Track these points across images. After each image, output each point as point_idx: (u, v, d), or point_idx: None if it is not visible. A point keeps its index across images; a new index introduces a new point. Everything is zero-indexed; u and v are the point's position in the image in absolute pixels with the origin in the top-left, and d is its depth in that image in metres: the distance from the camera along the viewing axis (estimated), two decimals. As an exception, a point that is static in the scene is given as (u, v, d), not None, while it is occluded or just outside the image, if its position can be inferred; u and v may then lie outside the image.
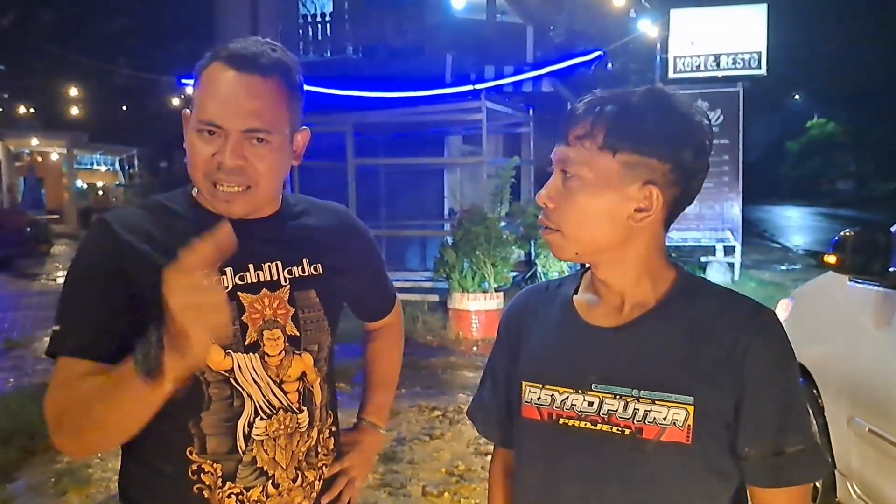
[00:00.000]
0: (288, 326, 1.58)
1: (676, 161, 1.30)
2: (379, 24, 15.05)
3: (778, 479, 1.29)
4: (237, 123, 1.46)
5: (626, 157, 1.28)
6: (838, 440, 3.58)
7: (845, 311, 3.79)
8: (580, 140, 1.30)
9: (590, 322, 1.40)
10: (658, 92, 1.33)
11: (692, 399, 1.27)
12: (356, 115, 12.00)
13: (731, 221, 13.65)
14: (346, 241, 1.76)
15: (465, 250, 9.21)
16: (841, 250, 3.59)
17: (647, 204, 1.31)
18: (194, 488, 1.52)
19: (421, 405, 6.36)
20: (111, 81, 26.15)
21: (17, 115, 26.52)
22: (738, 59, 13.43)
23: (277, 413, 1.56)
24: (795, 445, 1.28)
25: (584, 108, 1.32)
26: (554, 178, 1.35)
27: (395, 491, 4.62)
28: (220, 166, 1.47)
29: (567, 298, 1.46)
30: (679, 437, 1.27)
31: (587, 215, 1.31)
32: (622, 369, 1.32)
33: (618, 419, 1.31)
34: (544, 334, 1.46)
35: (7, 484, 4.77)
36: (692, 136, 1.31)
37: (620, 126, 1.28)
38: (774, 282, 13.52)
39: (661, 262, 1.39)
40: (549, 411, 1.38)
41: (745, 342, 1.27)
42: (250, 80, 1.46)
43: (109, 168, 36.89)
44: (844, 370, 3.58)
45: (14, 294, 13.61)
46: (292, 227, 1.67)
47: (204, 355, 1.25)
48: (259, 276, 1.57)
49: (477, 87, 11.79)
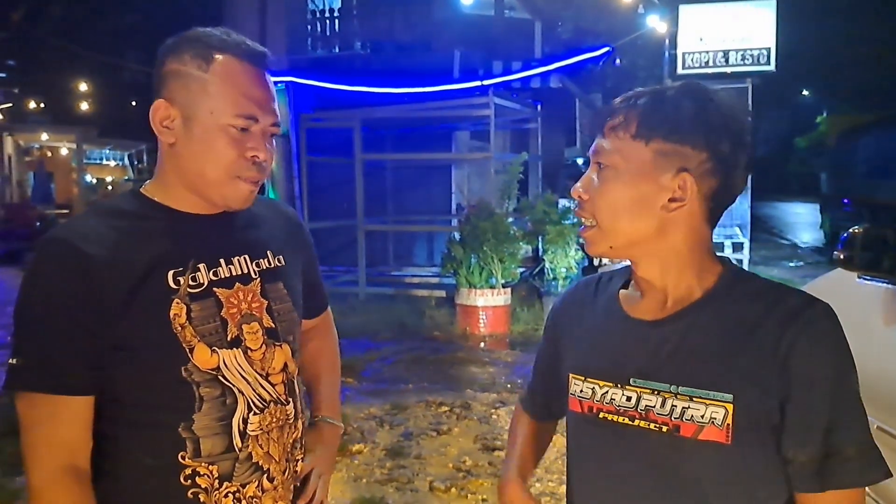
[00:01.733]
0: (264, 319, 1.59)
1: (712, 150, 1.27)
2: (387, 20, 15.04)
3: (824, 483, 1.22)
4: (269, 118, 1.50)
5: (660, 145, 1.28)
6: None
7: (854, 308, 3.77)
8: (614, 130, 1.31)
9: (632, 315, 1.39)
10: (694, 84, 1.32)
11: (731, 397, 1.22)
12: (364, 110, 11.98)
13: (740, 218, 13.62)
14: (297, 236, 1.79)
15: (472, 246, 9.20)
16: (850, 247, 3.57)
17: (680, 193, 1.28)
18: (189, 493, 1.49)
19: (428, 400, 6.36)
20: (120, 76, 26.24)
21: (28, 110, 26.60)
22: (746, 55, 13.38)
23: (269, 406, 1.57)
24: (846, 447, 1.21)
25: (621, 101, 1.33)
26: (589, 171, 1.36)
27: (403, 486, 4.62)
28: (255, 160, 1.50)
29: (613, 292, 1.46)
30: (718, 437, 1.23)
31: (620, 205, 1.30)
32: (660, 364, 1.30)
33: (655, 415, 1.28)
34: (590, 327, 1.46)
35: (17, 477, 4.79)
36: (728, 126, 1.28)
37: (653, 114, 1.28)
38: (783, 278, 13.47)
39: (705, 257, 1.34)
40: (590, 405, 1.37)
41: (790, 338, 1.22)
42: (266, 77, 1.52)
43: (118, 163, 36.91)
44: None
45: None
46: (251, 218, 1.66)
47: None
48: (231, 271, 1.57)
49: (485, 82, 11.76)
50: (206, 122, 1.47)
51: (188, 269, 1.51)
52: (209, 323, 1.50)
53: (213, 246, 1.56)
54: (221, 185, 1.51)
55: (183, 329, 1.47)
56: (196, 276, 1.51)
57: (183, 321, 1.47)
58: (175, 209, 1.55)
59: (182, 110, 1.48)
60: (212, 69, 1.47)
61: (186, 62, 1.48)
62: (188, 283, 1.50)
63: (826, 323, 1.24)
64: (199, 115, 1.47)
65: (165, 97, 1.49)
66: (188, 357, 1.47)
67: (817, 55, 31.24)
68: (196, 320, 1.49)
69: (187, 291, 1.49)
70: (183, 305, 1.48)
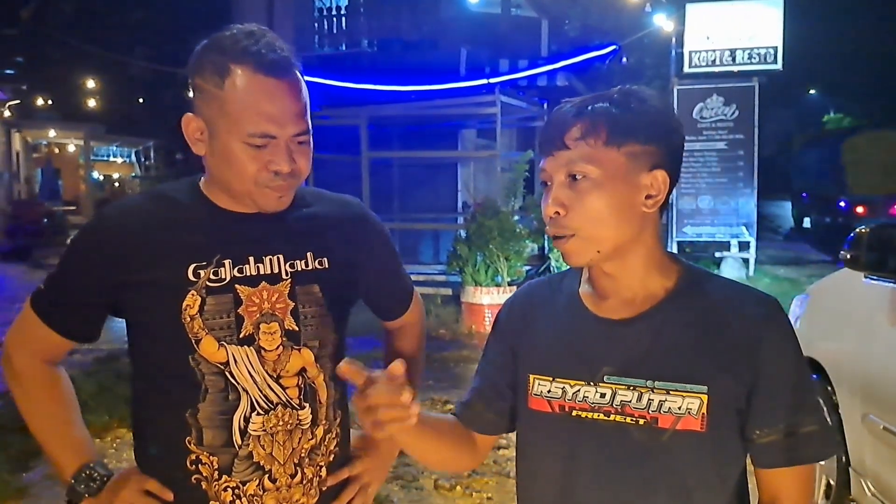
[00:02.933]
0: (286, 321, 1.57)
1: (670, 144, 1.37)
2: (394, 18, 15.04)
3: (790, 458, 1.33)
4: (289, 130, 1.48)
5: (631, 148, 1.32)
6: (852, 437, 3.56)
7: (860, 307, 3.77)
8: (581, 140, 1.32)
9: (599, 315, 1.41)
10: (632, 89, 1.38)
11: (706, 388, 1.30)
12: (370, 108, 12.00)
13: (746, 217, 13.60)
14: (357, 235, 1.73)
15: (478, 244, 9.20)
16: (856, 247, 3.57)
17: (655, 189, 1.34)
18: (192, 478, 1.53)
19: (433, 398, 6.38)
20: (128, 73, 26.24)
21: (35, 107, 26.61)
22: (753, 53, 13.34)
23: (276, 409, 1.56)
24: (808, 426, 1.33)
25: (573, 111, 1.35)
26: (557, 186, 1.34)
27: (408, 484, 4.63)
28: (278, 173, 1.49)
29: (573, 292, 1.47)
30: (694, 426, 1.30)
31: (605, 212, 1.32)
32: (637, 361, 1.34)
33: (632, 409, 1.33)
34: (551, 328, 1.47)
35: (24, 473, 4.81)
36: (674, 119, 1.39)
37: (620, 119, 1.32)
38: (789, 278, 13.45)
39: (664, 253, 1.42)
40: (561, 403, 1.39)
41: (758, 331, 1.33)
42: (288, 86, 1.48)
43: (126, 160, 36.99)
44: (859, 367, 3.56)
45: (31, 284, 13.65)
46: (299, 219, 1.65)
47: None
48: (259, 269, 1.57)
49: (491, 80, 11.78)
50: (224, 138, 1.48)
51: (211, 264, 1.53)
52: (221, 318, 1.52)
53: (245, 243, 1.57)
54: (250, 194, 1.53)
55: (192, 320, 1.50)
56: (218, 272, 1.53)
57: (193, 313, 1.51)
58: (218, 205, 1.58)
59: (207, 125, 1.51)
60: (226, 85, 1.46)
61: (206, 77, 1.48)
62: (209, 277, 1.52)
63: (785, 316, 1.38)
64: (218, 132, 1.49)
65: (194, 111, 1.52)
66: (194, 347, 1.50)
67: (825, 54, 31.17)
68: (208, 314, 1.51)
69: (205, 285, 1.52)
70: (198, 298, 1.51)
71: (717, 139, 13.55)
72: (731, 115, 13.44)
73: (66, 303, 1.62)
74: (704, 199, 13.69)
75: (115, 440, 5.36)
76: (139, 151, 34.07)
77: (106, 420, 5.60)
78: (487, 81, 11.76)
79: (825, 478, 3.92)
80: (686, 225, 13.85)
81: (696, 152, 13.57)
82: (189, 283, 1.52)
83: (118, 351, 7.35)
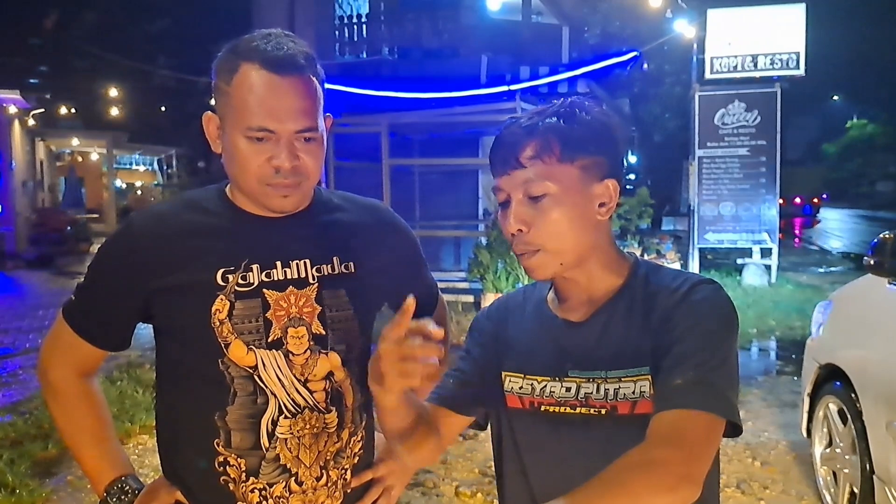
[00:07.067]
0: (314, 325, 1.59)
1: (617, 154, 1.44)
2: (414, 26, 15.10)
3: (665, 404, 1.27)
4: (290, 126, 1.49)
5: (583, 161, 1.38)
6: (877, 445, 3.53)
7: (885, 314, 3.73)
8: (536, 159, 1.36)
9: (560, 316, 1.48)
10: (576, 101, 1.43)
11: (648, 368, 1.35)
12: (391, 115, 12.03)
13: (768, 223, 13.52)
14: (383, 239, 1.74)
15: (499, 251, 9.21)
16: (880, 253, 3.55)
17: (607, 198, 1.40)
18: (220, 480, 1.55)
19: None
20: (150, 82, 26.46)
21: (59, 116, 26.83)
22: (775, 59, 13.27)
23: (303, 412, 1.57)
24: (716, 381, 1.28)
25: (524, 130, 1.38)
26: (517, 204, 1.38)
27: (428, 491, 4.64)
28: (278, 170, 1.50)
29: (541, 298, 1.55)
30: (649, 408, 1.33)
31: (565, 226, 1.38)
32: (592, 355, 1.41)
33: (594, 401, 1.39)
34: (522, 330, 1.53)
35: (48, 479, 4.85)
36: (619, 129, 1.45)
37: (571, 134, 1.37)
38: (812, 284, 13.36)
39: (617, 253, 1.48)
40: (531, 400, 1.46)
41: (679, 300, 1.37)
42: (293, 83, 1.49)
43: (148, 168, 37.33)
44: (884, 374, 3.52)
45: (54, 291, 13.81)
46: (324, 223, 1.66)
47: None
48: (286, 274, 1.58)
49: (512, 87, 11.80)
50: (230, 133, 1.51)
51: (239, 269, 1.55)
52: (250, 322, 1.54)
53: (272, 248, 1.58)
54: (255, 193, 1.54)
55: (221, 325, 1.52)
56: (247, 276, 1.55)
57: (223, 317, 1.52)
58: (244, 210, 1.60)
59: (221, 122, 1.54)
60: (234, 81, 1.49)
61: (221, 76, 1.52)
62: (237, 282, 1.54)
63: (714, 291, 1.39)
64: (227, 127, 1.52)
65: (214, 109, 1.55)
66: (223, 351, 1.52)
67: (848, 59, 30.96)
68: (237, 318, 1.53)
69: (234, 289, 1.54)
70: (227, 302, 1.53)
71: (739, 145, 13.49)
72: (753, 121, 13.38)
73: (99, 311, 1.64)
74: (726, 206, 13.63)
75: (138, 446, 5.40)
76: (161, 159, 34.36)
77: (128, 427, 5.65)
78: (508, 88, 11.77)
79: (849, 486, 3.88)
80: (708, 231, 13.78)
81: (717, 158, 13.53)
82: (218, 288, 1.53)
83: (138, 359, 7.42)
